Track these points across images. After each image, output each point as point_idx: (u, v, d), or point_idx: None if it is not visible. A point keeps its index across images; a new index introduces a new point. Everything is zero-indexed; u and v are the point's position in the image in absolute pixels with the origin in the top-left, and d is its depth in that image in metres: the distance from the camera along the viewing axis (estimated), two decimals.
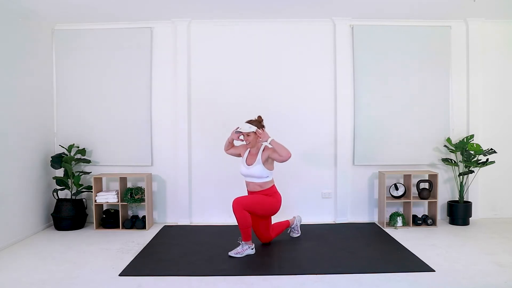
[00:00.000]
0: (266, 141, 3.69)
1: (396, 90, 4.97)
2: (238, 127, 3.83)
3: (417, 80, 4.97)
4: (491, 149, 4.71)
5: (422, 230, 4.55)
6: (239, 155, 4.01)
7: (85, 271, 3.37)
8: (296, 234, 4.33)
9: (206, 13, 4.71)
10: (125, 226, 4.70)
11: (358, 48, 4.95)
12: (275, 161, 3.80)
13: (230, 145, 4.03)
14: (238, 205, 3.63)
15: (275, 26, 4.96)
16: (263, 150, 3.81)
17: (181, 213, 4.97)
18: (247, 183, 3.90)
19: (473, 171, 4.78)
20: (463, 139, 4.78)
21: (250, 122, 3.84)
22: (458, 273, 3.26)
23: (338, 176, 4.96)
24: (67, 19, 4.80)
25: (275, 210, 3.87)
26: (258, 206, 3.75)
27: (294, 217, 4.39)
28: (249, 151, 3.91)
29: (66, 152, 4.85)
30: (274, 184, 3.91)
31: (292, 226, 4.32)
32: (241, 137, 3.86)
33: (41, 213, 4.70)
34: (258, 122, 3.85)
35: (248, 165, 3.82)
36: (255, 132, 3.75)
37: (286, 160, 3.65)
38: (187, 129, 4.94)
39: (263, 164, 3.75)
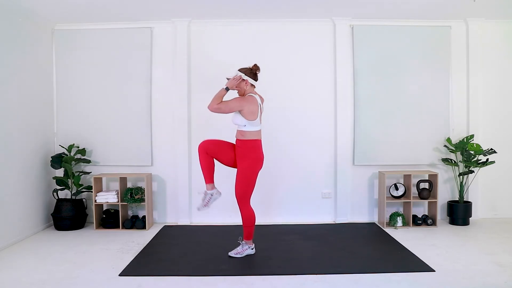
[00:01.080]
0: (231, 87, 3.57)
1: (396, 90, 4.97)
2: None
3: (417, 80, 4.97)
4: (491, 149, 4.71)
5: (422, 230, 4.55)
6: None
7: (85, 271, 3.37)
8: (201, 204, 3.74)
9: (206, 13, 4.71)
10: (125, 226, 4.70)
11: (358, 48, 4.95)
12: (261, 116, 3.65)
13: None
14: (241, 199, 3.59)
15: (275, 26, 4.96)
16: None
17: (181, 213, 4.97)
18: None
19: (473, 171, 4.78)
20: (463, 139, 4.78)
21: (241, 69, 3.66)
22: (458, 273, 3.26)
23: (338, 176, 4.96)
24: (67, 19, 4.80)
25: (257, 169, 3.61)
26: (249, 181, 3.57)
27: (216, 188, 3.78)
28: None
29: (66, 152, 4.85)
30: (257, 139, 3.60)
31: (208, 192, 3.73)
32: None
33: (41, 213, 4.70)
34: (248, 69, 3.66)
35: None
36: (241, 78, 3.57)
37: (210, 110, 3.54)
38: (187, 129, 4.94)
39: (240, 112, 3.55)
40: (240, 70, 3.65)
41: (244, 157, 3.59)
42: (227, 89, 3.60)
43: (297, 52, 4.97)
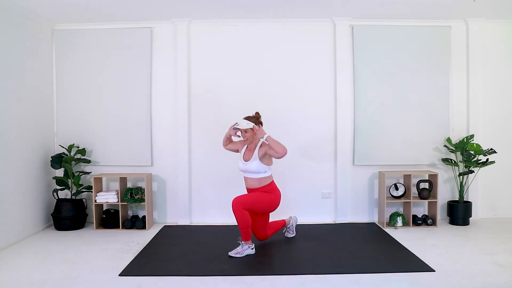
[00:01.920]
0: (262, 137, 3.71)
1: (396, 90, 4.97)
2: (236, 123, 3.85)
3: (417, 80, 4.97)
4: (491, 149, 4.71)
5: (422, 230, 4.55)
6: (237, 151, 4.02)
7: (85, 271, 3.37)
8: (291, 234, 4.33)
9: (206, 13, 4.71)
10: (125, 226, 4.70)
11: (358, 48, 4.95)
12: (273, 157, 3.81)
13: (228, 141, 4.06)
14: (238, 205, 3.63)
15: (275, 26, 4.95)
16: (260, 146, 3.81)
17: (181, 213, 4.97)
18: (245, 179, 3.91)
19: (473, 171, 4.78)
20: (463, 139, 4.78)
21: (247, 118, 3.86)
22: (458, 273, 3.26)
23: (338, 176, 4.96)
24: (67, 19, 4.80)
25: (274, 207, 3.89)
26: (257, 204, 3.76)
27: (290, 217, 4.39)
28: (247, 147, 3.91)
29: (66, 152, 4.85)
30: (273, 180, 3.92)
31: (287, 226, 4.32)
32: (239, 133, 3.90)
33: (41, 213, 4.70)
34: (255, 119, 3.88)
35: (245, 160, 3.83)
36: (252, 129, 3.76)
37: (282, 156, 3.65)
38: (187, 129, 4.94)
39: (260, 159, 3.75)
40: (248, 119, 3.83)
41: (269, 192, 3.84)
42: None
43: (297, 52, 4.97)
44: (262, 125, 3.89)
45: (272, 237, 4.29)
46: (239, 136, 3.93)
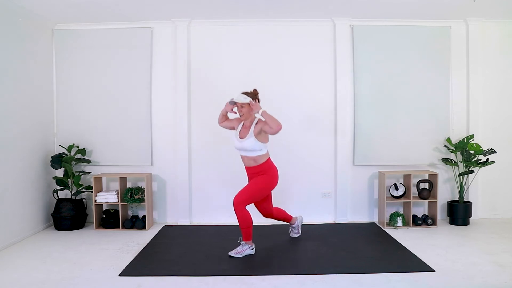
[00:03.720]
0: (258, 112, 3.64)
1: (396, 90, 4.97)
2: (233, 98, 3.75)
3: (417, 80, 4.97)
4: (491, 149, 4.71)
5: (422, 230, 4.55)
6: (233, 128, 3.93)
7: (85, 271, 3.37)
8: (296, 234, 4.32)
9: (206, 13, 4.71)
10: (125, 226, 4.70)
11: (358, 48, 4.95)
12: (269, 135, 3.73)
13: (224, 118, 3.94)
14: (239, 204, 3.61)
15: (275, 26, 4.95)
16: (256, 123, 3.71)
17: (181, 213, 4.97)
18: (242, 158, 3.82)
19: (473, 171, 4.78)
20: (463, 139, 4.78)
21: (245, 93, 3.75)
22: (458, 273, 3.26)
23: (338, 176, 4.96)
24: (67, 19, 4.80)
25: (273, 186, 3.82)
26: (256, 193, 3.72)
27: (296, 217, 4.37)
28: (243, 124, 3.82)
29: (66, 152, 4.85)
30: (269, 158, 3.82)
31: (293, 225, 4.31)
32: (235, 109, 3.80)
33: (41, 213, 4.70)
34: (253, 95, 3.77)
35: (241, 138, 3.74)
36: (249, 104, 3.67)
37: (276, 132, 3.56)
38: (187, 129, 4.94)
39: (256, 137, 3.66)
40: (246, 94, 3.74)
41: (263, 174, 3.75)
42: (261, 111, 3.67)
43: (297, 52, 4.97)
44: (259, 102, 3.79)
45: (272, 237, 4.30)
46: (236, 113, 3.83)
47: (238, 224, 3.75)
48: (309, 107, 4.98)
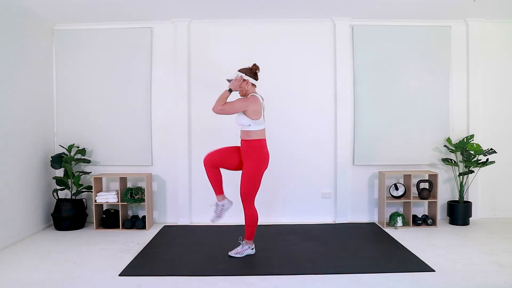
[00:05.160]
0: (229, 89, 3.58)
1: (396, 90, 4.97)
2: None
3: (417, 80, 4.97)
4: (491, 149, 4.71)
5: (422, 230, 4.55)
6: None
7: (85, 271, 3.37)
8: (214, 216, 3.80)
9: (206, 13, 4.71)
10: (125, 226, 4.70)
11: (358, 48, 4.95)
12: (264, 114, 3.65)
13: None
14: (246, 201, 3.58)
15: (275, 26, 4.96)
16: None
17: (181, 213, 4.97)
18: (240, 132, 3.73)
19: (473, 171, 4.78)
20: (463, 139, 4.78)
21: (241, 70, 3.68)
22: (458, 273, 3.26)
23: (338, 176, 4.96)
24: (67, 19, 4.80)
25: (262, 168, 3.60)
26: (253, 182, 3.56)
27: (228, 199, 3.83)
28: None
29: (66, 152, 4.85)
30: (262, 139, 3.61)
31: (218, 203, 3.78)
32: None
33: (41, 213, 4.70)
34: (247, 69, 3.68)
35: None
36: (242, 79, 3.59)
37: (215, 112, 3.52)
38: (187, 129, 4.94)
39: (244, 113, 3.56)
40: (240, 70, 3.66)
41: (249, 156, 3.59)
42: (230, 90, 3.60)
43: (297, 52, 4.97)
44: (257, 78, 3.68)
45: (272, 237, 4.29)
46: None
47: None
48: (309, 106, 4.98)
